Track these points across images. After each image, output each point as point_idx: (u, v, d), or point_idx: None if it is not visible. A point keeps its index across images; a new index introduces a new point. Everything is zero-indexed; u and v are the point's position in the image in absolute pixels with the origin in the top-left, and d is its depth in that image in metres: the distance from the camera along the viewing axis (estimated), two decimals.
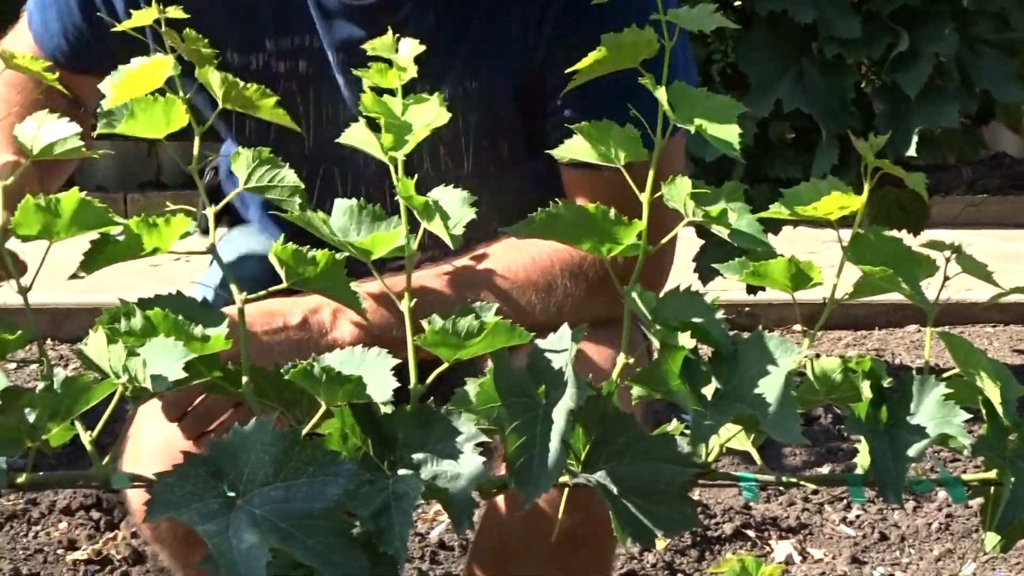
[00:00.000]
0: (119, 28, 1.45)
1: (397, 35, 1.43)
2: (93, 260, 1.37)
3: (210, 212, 1.39)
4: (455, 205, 1.40)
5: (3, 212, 1.36)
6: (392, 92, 1.41)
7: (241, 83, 1.40)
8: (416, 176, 1.38)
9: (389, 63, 1.42)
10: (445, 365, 1.32)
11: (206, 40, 1.41)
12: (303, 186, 1.41)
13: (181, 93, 1.38)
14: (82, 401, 1.26)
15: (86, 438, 1.30)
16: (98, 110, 1.41)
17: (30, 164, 1.46)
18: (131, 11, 1.45)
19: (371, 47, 1.43)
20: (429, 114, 1.39)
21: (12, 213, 1.35)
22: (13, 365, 1.40)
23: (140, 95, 1.38)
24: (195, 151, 1.39)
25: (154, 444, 1.76)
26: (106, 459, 1.30)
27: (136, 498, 1.82)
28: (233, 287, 1.38)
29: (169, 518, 1.20)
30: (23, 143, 1.42)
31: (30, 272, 1.45)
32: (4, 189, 1.38)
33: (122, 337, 1.27)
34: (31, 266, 1.49)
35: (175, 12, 1.41)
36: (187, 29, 1.40)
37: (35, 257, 1.44)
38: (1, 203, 1.37)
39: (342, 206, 1.41)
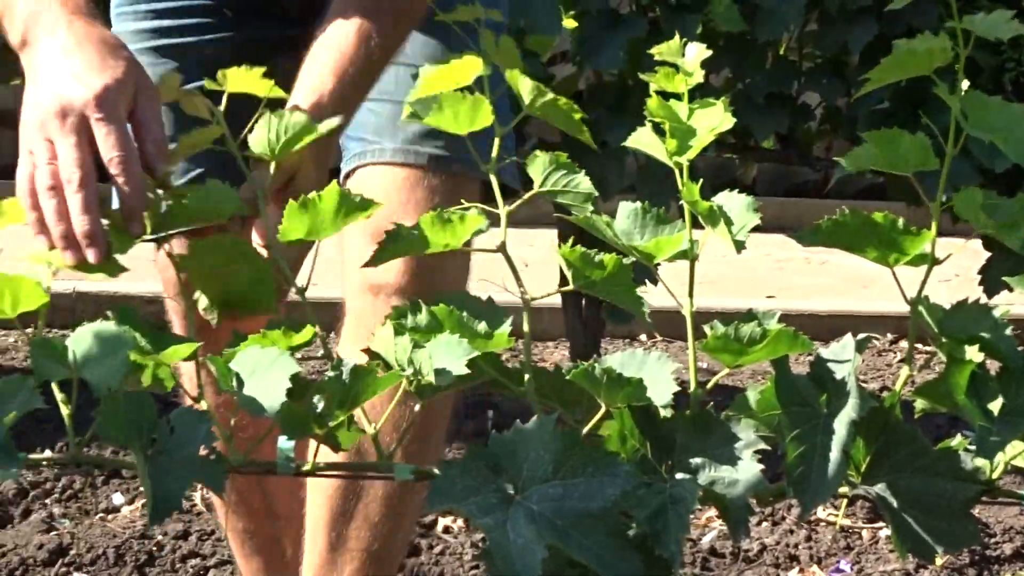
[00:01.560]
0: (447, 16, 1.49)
1: (684, 40, 1.44)
2: (384, 253, 1.40)
3: (503, 212, 1.40)
4: (739, 210, 1.39)
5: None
6: (678, 96, 1.41)
7: (549, 92, 1.42)
8: None
9: (675, 67, 1.42)
10: (725, 372, 1.32)
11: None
12: (596, 193, 1.42)
13: (488, 94, 1.40)
14: (368, 391, 1.29)
15: (369, 428, 1.33)
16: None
17: None
18: None
19: (658, 52, 1.43)
20: (714, 118, 1.39)
21: None
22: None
23: (448, 89, 1.41)
24: (494, 152, 1.41)
25: None
26: (392, 450, 1.33)
27: None
28: None
29: (449, 508, 1.22)
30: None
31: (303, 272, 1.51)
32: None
33: (409, 331, 1.30)
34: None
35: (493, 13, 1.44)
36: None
37: None
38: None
39: (626, 209, 1.42)
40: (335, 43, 1.78)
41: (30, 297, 1.38)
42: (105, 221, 1.49)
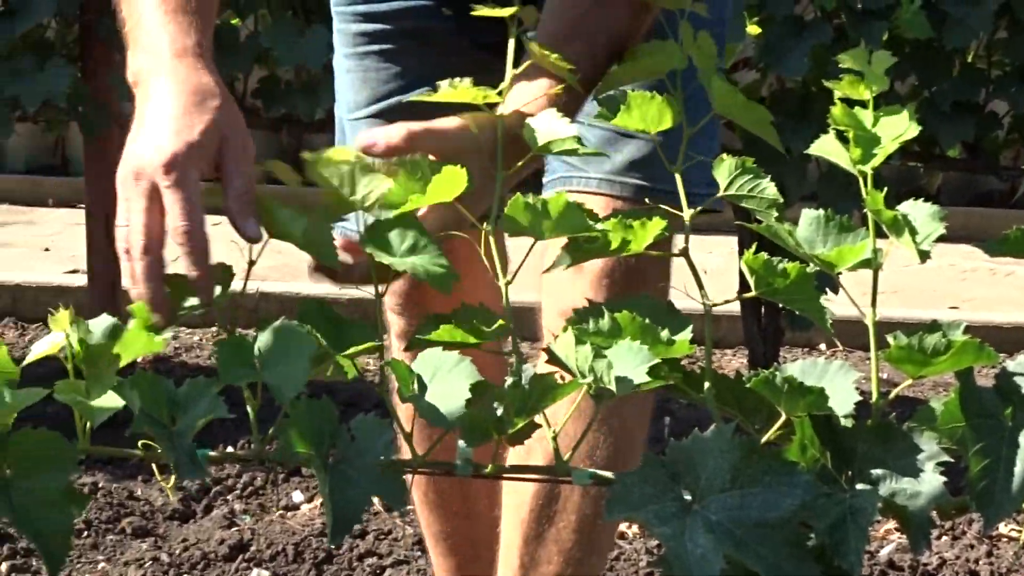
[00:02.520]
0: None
1: (870, 47, 1.42)
2: (569, 256, 1.41)
3: (686, 216, 1.39)
4: (924, 219, 1.37)
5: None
6: (863, 104, 1.40)
7: (740, 95, 1.42)
8: None
9: (861, 75, 1.41)
10: (907, 382, 1.30)
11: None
12: (782, 199, 1.41)
13: (679, 92, 1.40)
14: (548, 398, 1.29)
15: (549, 434, 1.34)
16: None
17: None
18: None
19: (843, 59, 1.42)
20: (899, 127, 1.37)
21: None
22: None
23: (639, 83, 1.41)
24: (681, 152, 1.41)
25: None
26: (568, 456, 1.33)
27: None
28: None
29: (627, 518, 1.22)
30: None
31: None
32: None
33: (590, 337, 1.31)
34: None
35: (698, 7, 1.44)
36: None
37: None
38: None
39: (809, 216, 1.41)
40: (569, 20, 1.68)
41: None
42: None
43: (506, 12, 1.52)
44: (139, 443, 1.34)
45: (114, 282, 4.07)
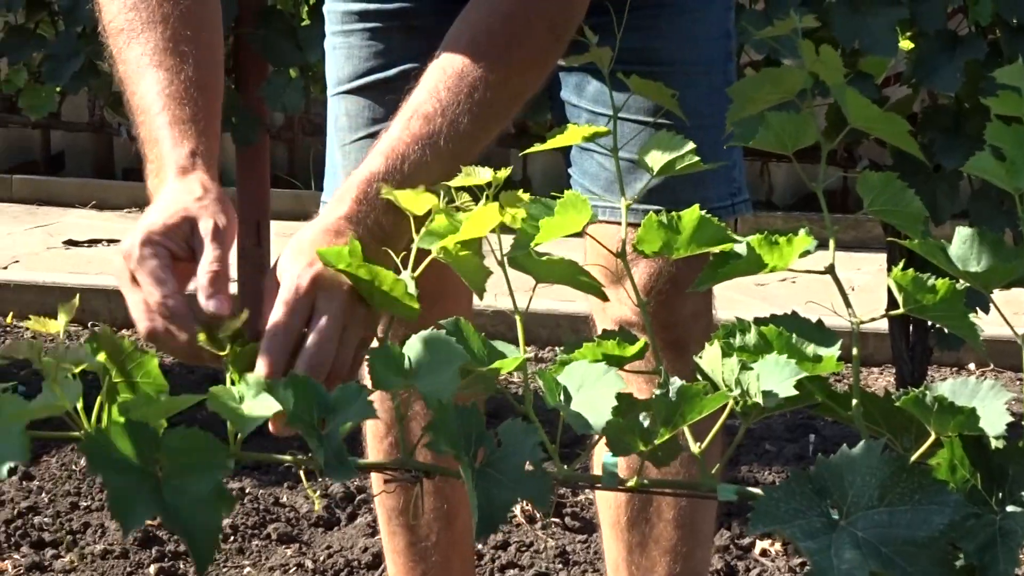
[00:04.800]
0: (761, 35, 1.49)
1: None
2: (712, 275, 1.41)
3: (831, 233, 1.39)
4: None
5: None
6: (1020, 120, 1.38)
7: (875, 107, 1.41)
8: None
9: (1017, 91, 1.39)
10: None
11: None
12: (927, 213, 1.40)
13: (811, 108, 1.39)
14: (695, 410, 1.29)
15: (695, 448, 1.33)
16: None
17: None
18: None
19: (1000, 75, 1.40)
20: None
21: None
22: None
23: (769, 104, 1.40)
24: (822, 169, 1.40)
25: None
26: (714, 468, 1.33)
27: None
28: None
29: (769, 531, 1.22)
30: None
31: None
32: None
33: (736, 352, 1.31)
34: None
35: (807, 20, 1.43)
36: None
37: None
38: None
39: (962, 234, 1.39)
40: (435, 92, 1.69)
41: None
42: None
43: None
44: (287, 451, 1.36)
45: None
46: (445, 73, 1.66)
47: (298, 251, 1.56)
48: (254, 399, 1.32)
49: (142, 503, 1.22)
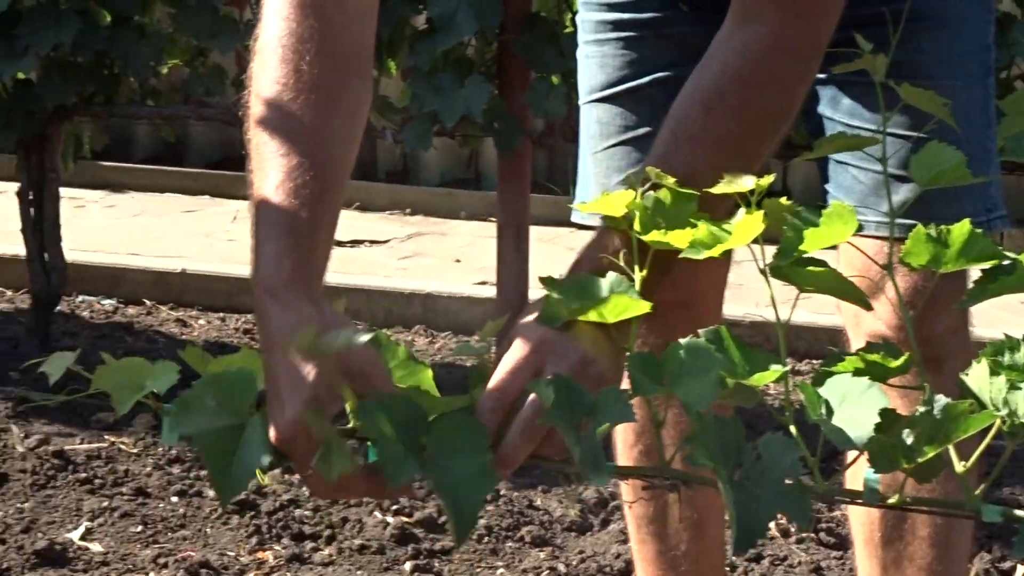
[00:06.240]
0: None
1: None
2: (982, 291, 1.38)
3: None
4: None
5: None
6: None
7: None
8: None
9: None
10: None
11: None
12: None
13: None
14: (960, 429, 1.27)
15: (959, 467, 1.31)
16: None
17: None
18: None
19: None
20: None
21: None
22: None
23: None
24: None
25: None
26: (979, 488, 1.30)
27: None
28: None
29: None
30: None
31: None
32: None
33: (1004, 371, 1.28)
34: None
35: None
36: None
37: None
38: None
39: None
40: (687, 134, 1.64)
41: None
42: None
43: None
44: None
45: (522, 294, 4.16)
46: (676, 138, 1.64)
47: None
48: None
49: (410, 464, 1.35)
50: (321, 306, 1.50)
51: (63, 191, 4.63)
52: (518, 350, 1.48)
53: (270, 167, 1.57)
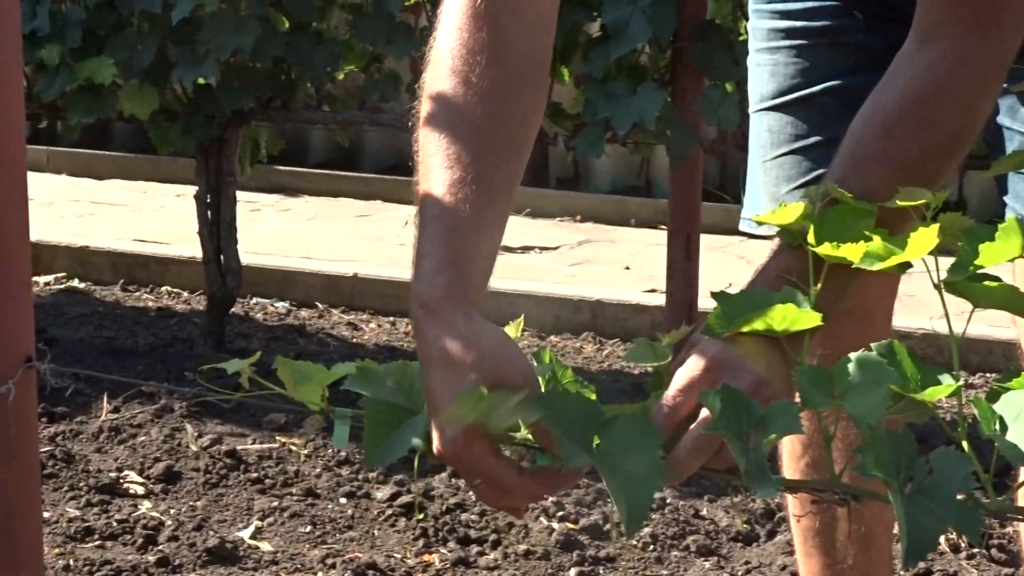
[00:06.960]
0: None
1: None
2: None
3: None
4: None
5: None
6: None
7: None
8: None
9: None
10: None
11: None
12: None
13: None
14: None
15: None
16: None
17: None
18: None
19: None
20: None
21: None
22: None
23: None
24: None
25: None
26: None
27: None
28: None
29: None
30: None
31: None
32: None
33: None
34: None
35: None
36: None
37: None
38: None
39: None
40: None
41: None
42: None
43: None
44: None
45: (691, 302, 4.15)
46: (855, 159, 1.62)
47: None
48: None
49: (585, 450, 1.36)
50: (474, 321, 1.50)
51: (239, 195, 4.73)
52: (693, 367, 1.47)
53: (434, 179, 1.59)
